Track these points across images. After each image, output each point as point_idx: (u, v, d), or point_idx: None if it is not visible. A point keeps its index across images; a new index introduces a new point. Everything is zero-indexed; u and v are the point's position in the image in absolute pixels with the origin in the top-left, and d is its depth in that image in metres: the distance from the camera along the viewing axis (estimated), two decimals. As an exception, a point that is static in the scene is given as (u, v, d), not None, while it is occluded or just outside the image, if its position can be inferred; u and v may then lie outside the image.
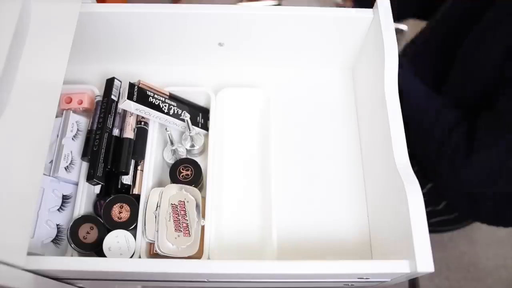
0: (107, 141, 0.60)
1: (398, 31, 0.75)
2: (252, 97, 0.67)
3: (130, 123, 0.60)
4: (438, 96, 0.81)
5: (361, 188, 0.65)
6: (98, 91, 0.65)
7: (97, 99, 0.63)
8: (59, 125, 0.61)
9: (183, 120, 0.61)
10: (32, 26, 0.45)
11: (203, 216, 0.57)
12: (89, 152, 0.59)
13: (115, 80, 0.63)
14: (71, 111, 0.62)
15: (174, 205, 0.57)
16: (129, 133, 0.60)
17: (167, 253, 0.54)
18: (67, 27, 0.54)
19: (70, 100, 0.62)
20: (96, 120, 0.61)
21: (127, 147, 0.59)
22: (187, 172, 0.60)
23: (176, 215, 0.56)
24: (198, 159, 0.62)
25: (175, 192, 0.57)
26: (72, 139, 0.60)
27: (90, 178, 0.57)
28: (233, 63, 0.70)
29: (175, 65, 0.71)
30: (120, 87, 0.63)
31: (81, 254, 0.56)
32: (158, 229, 0.55)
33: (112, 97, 0.61)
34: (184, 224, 0.56)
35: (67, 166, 0.59)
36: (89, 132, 0.60)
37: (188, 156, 0.63)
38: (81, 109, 0.63)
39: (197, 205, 0.58)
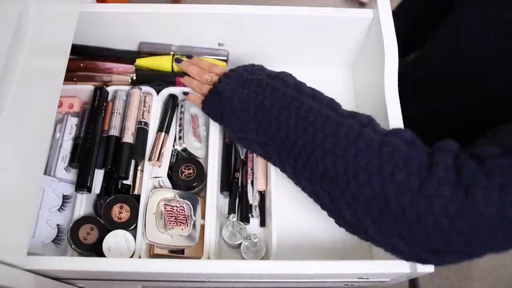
0: (103, 143, 0.60)
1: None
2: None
3: (129, 127, 0.60)
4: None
5: (361, 188, 0.64)
6: (90, 92, 0.65)
7: (84, 107, 0.63)
8: (59, 126, 0.62)
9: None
10: (32, 26, 0.45)
11: (203, 216, 0.57)
12: (76, 158, 0.59)
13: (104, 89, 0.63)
14: (69, 115, 0.62)
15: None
16: (129, 138, 0.60)
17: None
18: (67, 27, 0.54)
19: (60, 104, 0.62)
20: (84, 129, 0.61)
21: (126, 152, 0.59)
22: (189, 171, 0.60)
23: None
24: (199, 159, 0.62)
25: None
26: (71, 140, 0.61)
27: (80, 187, 0.57)
28: (233, 63, 0.70)
29: (175, 65, 0.71)
30: (107, 96, 0.63)
31: (82, 255, 0.57)
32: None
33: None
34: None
35: (67, 167, 0.59)
36: (77, 139, 0.60)
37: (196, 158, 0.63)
38: (72, 112, 0.62)
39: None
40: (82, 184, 0.57)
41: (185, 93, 0.63)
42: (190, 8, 0.61)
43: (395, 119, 0.53)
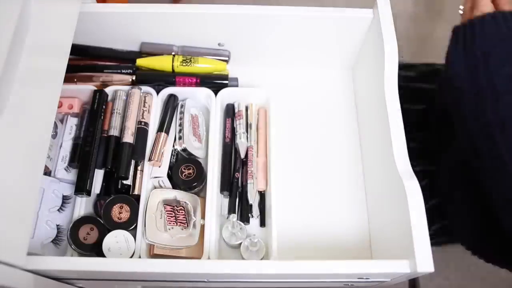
0: (103, 143, 0.60)
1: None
2: (252, 97, 0.67)
3: (129, 127, 0.60)
4: None
5: (361, 188, 0.65)
6: (90, 93, 0.64)
7: (84, 107, 0.63)
8: (59, 127, 0.62)
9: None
10: (32, 26, 0.45)
11: (203, 216, 0.57)
12: (76, 158, 0.59)
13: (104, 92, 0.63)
14: (69, 115, 0.62)
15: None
16: (128, 138, 0.60)
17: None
18: (67, 27, 0.54)
19: (60, 105, 0.62)
20: (83, 129, 0.61)
21: (126, 152, 0.59)
22: (189, 171, 0.60)
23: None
24: (199, 159, 0.62)
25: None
26: (71, 140, 0.61)
27: (79, 191, 0.57)
28: (233, 63, 0.70)
29: (175, 65, 0.71)
30: (107, 99, 0.63)
31: (82, 255, 0.56)
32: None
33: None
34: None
35: (67, 167, 0.59)
36: (76, 139, 0.60)
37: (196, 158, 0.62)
38: (71, 113, 0.62)
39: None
40: (82, 188, 0.57)
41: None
42: (190, 8, 0.61)
43: (395, 120, 0.53)
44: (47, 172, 0.58)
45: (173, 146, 0.61)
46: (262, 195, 0.62)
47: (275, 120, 0.65)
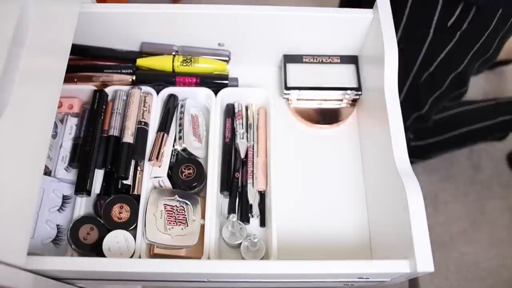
0: (103, 143, 0.60)
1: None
2: (252, 97, 0.67)
3: (129, 127, 0.60)
4: None
5: (361, 188, 0.65)
6: (90, 93, 0.64)
7: (84, 107, 0.63)
8: (59, 127, 0.62)
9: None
10: (32, 26, 0.45)
11: (203, 216, 0.57)
12: (76, 158, 0.59)
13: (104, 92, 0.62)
14: (69, 115, 0.62)
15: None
16: (128, 138, 0.60)
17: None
18: (67, 27, 0.54)
19: (60, 105, 0.62)
20: (83, 129, 0.61)
21: (126, 152, 0.59)
22: (189, 171, 0.60)
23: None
24: (199, 159, 0.62)
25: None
26: (71, 140, 0.61)
27: (79, 191, 0.57)
28: (233, 63, 0.70)
29: (175, 65, 0.71)
30: (107, 99, 0.63)
31: (82, 255, 0.56)
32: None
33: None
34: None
35: (67, 167, 0.59)
36: (76, 139, 0.60)
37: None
38: (71, 113, 0.62)
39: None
40: (82, 188, 0.57)
41: None
42: (190, 8, 0.61)
43: (395, 120, 0.53)
44: (47, 172, 0.58)
45: (173, 146, 0.62)
46: (262, 195, 0.62)
47: (275, 120, 0.65)
